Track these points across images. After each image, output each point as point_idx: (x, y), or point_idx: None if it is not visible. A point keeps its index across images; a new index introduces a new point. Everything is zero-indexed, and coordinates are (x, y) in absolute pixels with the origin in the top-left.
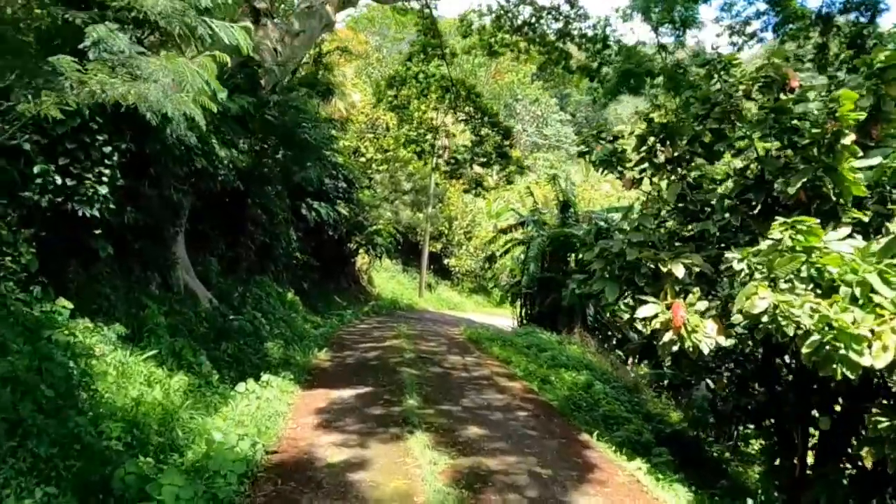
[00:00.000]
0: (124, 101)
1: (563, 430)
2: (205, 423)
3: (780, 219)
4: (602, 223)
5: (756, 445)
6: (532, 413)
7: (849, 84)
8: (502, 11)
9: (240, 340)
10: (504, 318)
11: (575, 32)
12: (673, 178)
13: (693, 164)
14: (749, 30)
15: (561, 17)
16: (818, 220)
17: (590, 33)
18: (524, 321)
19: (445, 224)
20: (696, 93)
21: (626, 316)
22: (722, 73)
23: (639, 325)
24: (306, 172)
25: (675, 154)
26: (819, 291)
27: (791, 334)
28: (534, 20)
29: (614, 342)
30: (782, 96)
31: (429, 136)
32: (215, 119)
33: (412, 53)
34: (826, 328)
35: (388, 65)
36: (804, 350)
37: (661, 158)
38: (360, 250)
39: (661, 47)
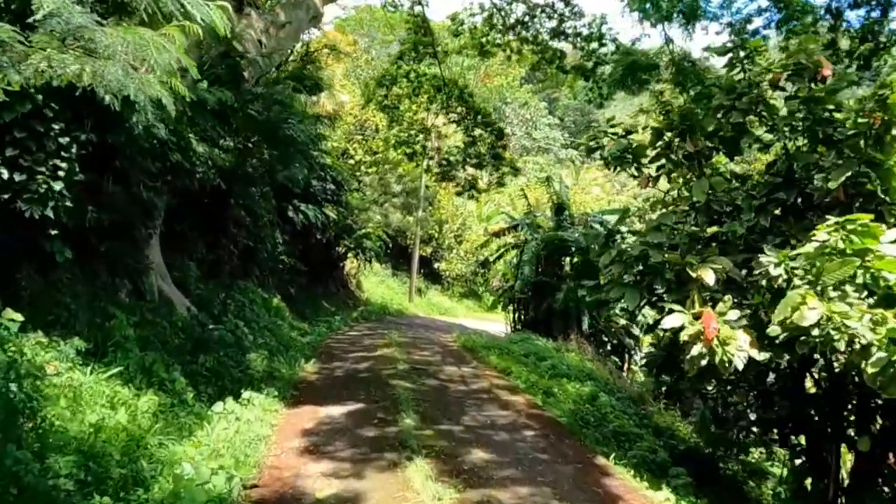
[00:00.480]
0: (78, 80)
1: (577, 452)
2: (175, 452)
3: (832, 218)
4: (598, 226)
5: (756, 454)
6: (540, 432)
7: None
8: (495, 9)
9: (220, 352)
10: (496, 324)
11: (570, 31)
12: (691, 175)
13: (713, 160)
14: (750, 27)
15: (555, 15)
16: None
17: (585, 31)
18: (518, 327)
19: (436, 227)
20: (720, 82)
21: (622, 322)
22: (746, 61)
23: (636, 331)
24: (291, 171)
25: (696, 149)
26: (872, 301)
27: (842, 349)
28: (527, 19)
29: (609, 348)
30: (813, 86)
31: (420, 138)
32: (190, 108)
33: (403, 52)
34: (892, 345)
35: (377, 67)
36: (869, 369)
37: (680, 154)
38: (349, 254)
39: (668, 40)
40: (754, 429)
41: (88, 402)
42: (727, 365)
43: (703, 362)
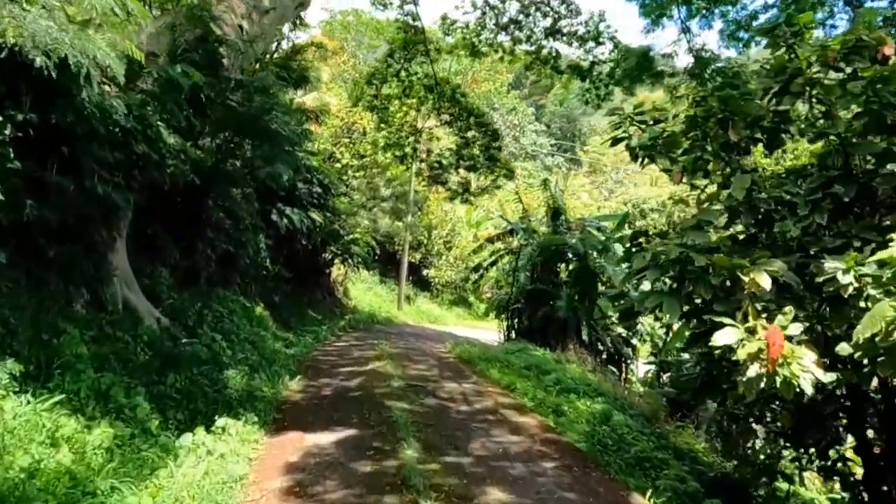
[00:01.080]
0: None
1: (607, 488)
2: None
3: None
4: (595, 231)
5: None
6: (560, 462)
7: None
8: (487, 7)
9: (193, 370)
10: (488, 332)
11: (565, 29)
12: (728, 168)
13: (752, 152)
14: (757, 23)
15: (550, 13)
16: None
17: (581, 30)
18: (512, 336)
19: (425, 233)
20: (770, 63)
21: (620, 330)
22: (794, 39)
23: (635, 340)
24: (275, 169)
25: (738, 138)
26: None
27: None
28: (521, 17)
29: (605, 357)
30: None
31: (411, 140)
32: (160, 91)
33: (393, 50)
34: None
35: (365, 70)
36: None
37: (716, 145)
38: (336, 260)
39: (686, 29)
40: (785, 452)
41: (22, 439)
42: (795, 388)
43: (762, 384)
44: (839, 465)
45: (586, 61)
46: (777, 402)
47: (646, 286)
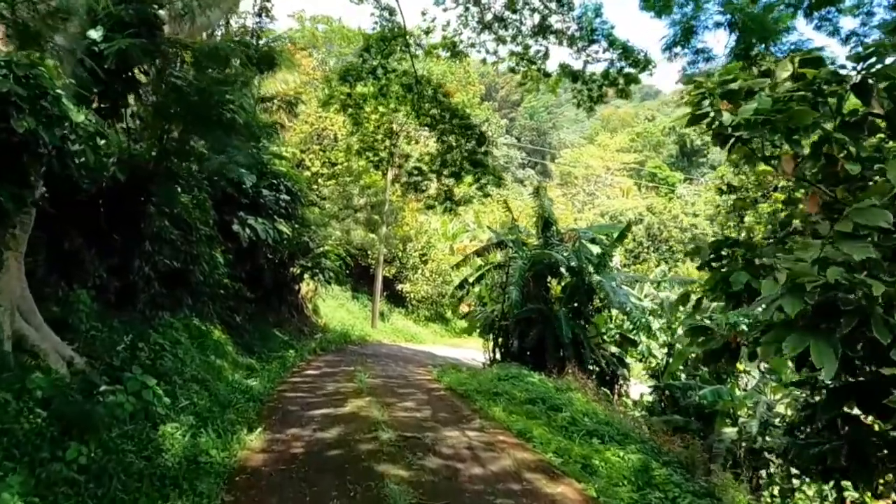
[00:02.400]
0: None
1: None
2: None
3: None
4: (589, 244)
5: None
6: None
7: None
8: (471, 3)
9: (111, 433)
10: (469, 351)
11: (556, 26)
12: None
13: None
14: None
15: (539, 8)
16: None
17: (573, 27)
18: (497, 357)
19: (400, 246)
20: None
21: (613, 349)
22: None
23: (629, 360)
24: (230, 160)
25: (885, 110)
26: None
27: None
28: (507, 14)
29: (594, 376)
30: None
31: (387, 143)
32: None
33: (370, 44)
34: None
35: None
36: None
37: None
38: (305, 275)
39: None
40: None
41: None
42: None
43: None
44: None
45: (579, 60)
46: None
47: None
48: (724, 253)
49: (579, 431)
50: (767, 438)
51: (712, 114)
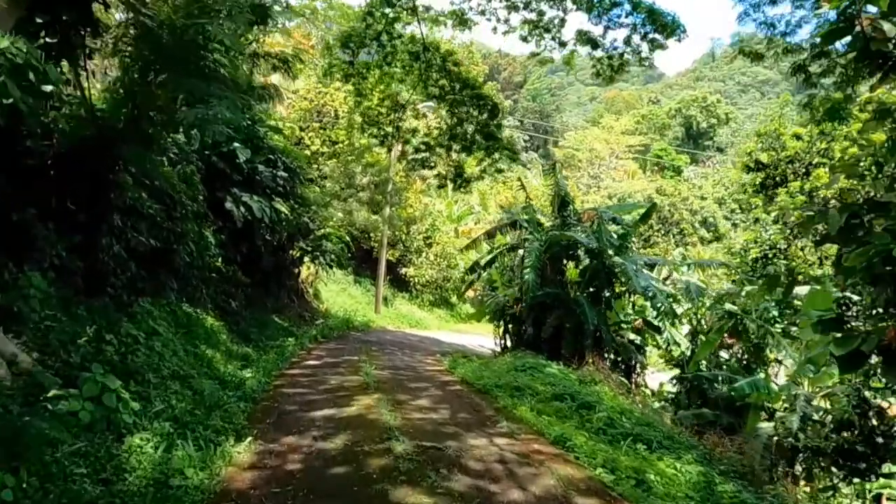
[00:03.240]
0: None
1: None
2: None
3: None
4: (611, 224)
5: None
6: None
7: None
8: None
9: (56, 451)
10: (476, 336)
11: None
12: None
13: None
14: None
15: None
16: None
17: None
18: (508, 344)
19: (403, 228)
20: None
21: (631, 336)
22: None
23: (649, 348)
24: (207, 109)
25: None
26: None
27: None
28: None
29: (608, 363)
30: None
31: (393, 117)
32: None
33: (373, 6)
34: None
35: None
36: None
37: None
38: (306, 258)
39: None
40: None
41: None
42: None
43: None
44: None
45: (599, 26)
46: None
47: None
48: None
49: (621, 436)
50: (809, 433)
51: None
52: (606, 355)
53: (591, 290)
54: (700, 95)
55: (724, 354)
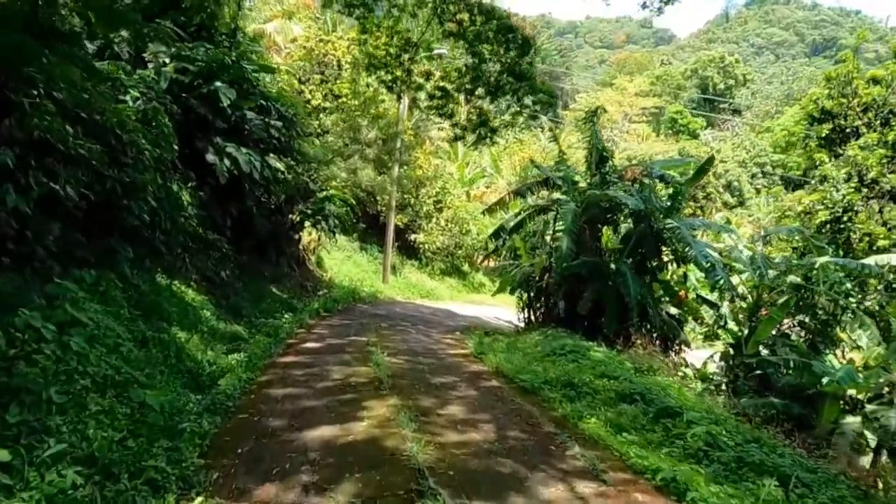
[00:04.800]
0: None
1: None
2: None
3: None
4: (658, 181)
5: None
6: None
7: None
8: None
9: None
10: (492, 308)
11: None
12: None
13: None
14: None
15: None
16: None
17: None
18: (541, 320)
19: (412, 191)
20: None
21: (672, 310)
22: None
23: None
24: None
25: None
26: None
27: None
28: None
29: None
30: None
31: (404, 57)
32: None
33: None
34: None
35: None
36: None
37: None
38: (307, 223)
39: None
40: None
41: None
42: None
43: None
44: None
45: None
46: None
47: None
48: None
49: (735, 463)
50: None
51: None
52: (653, 334)
53: (636, 258)
54: (717, 55)
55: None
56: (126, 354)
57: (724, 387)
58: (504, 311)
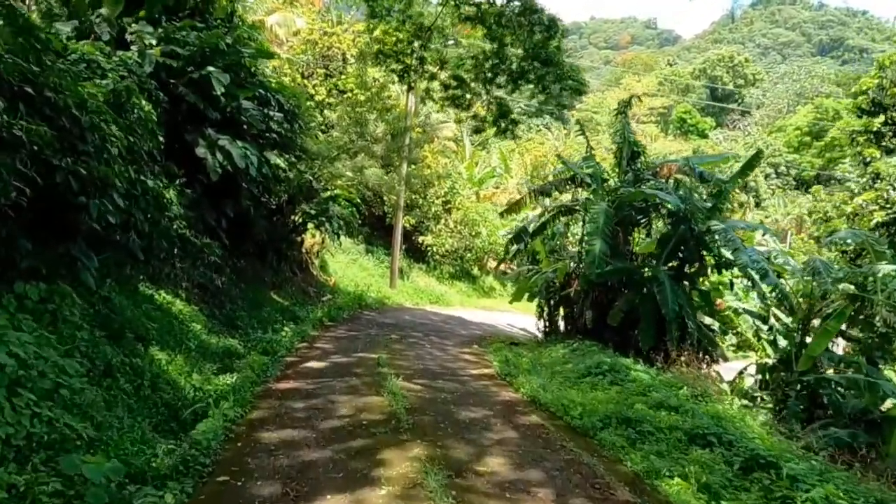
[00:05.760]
0: None
1: None
2: None
3: None
4: (699, 179)
5: None
6: None
7: None
8: None
9: None
10: (504, 314)
11: None
12: None
13: None
14: None
15: None
16: None
17: None
18: (565, 331)
19: (420, 191)
20: None
21: (707, 320)
22: None
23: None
24: None
25: None
26: None
27: None
28: None
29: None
30: None
31: (416, 45)
32: None
33: None
34: None
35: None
36: None
37: None
38: (310, 225)
39: None
40: None
41: None
42: None
43: None
44: None
45: None
46: None
47: None
48: None
49: None
50: None
51: None
52: (691, 349)
53: (674, 264)
54: (727, 54)
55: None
56: (69, 399)
57: (765, 403)
58: (518, 317)
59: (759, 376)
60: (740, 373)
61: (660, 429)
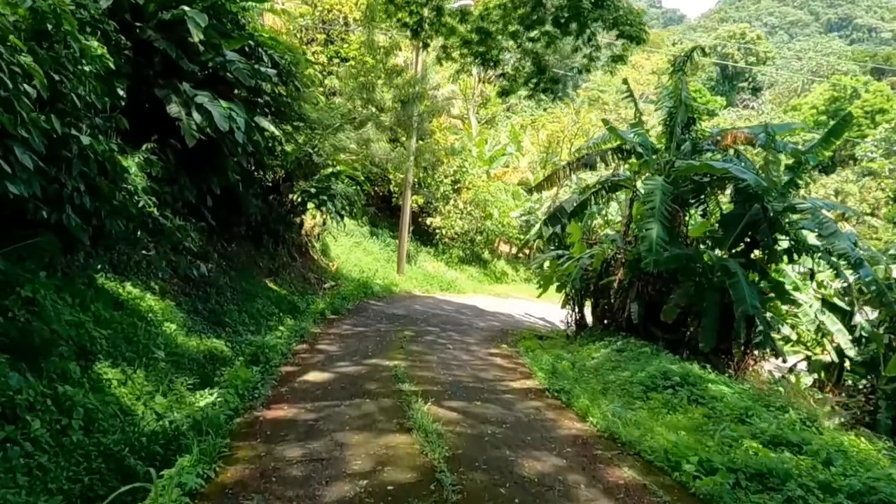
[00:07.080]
0: None
1: None
2: None
3: None
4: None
5: None
6: None
7: None
8: None
9: None
10: (518, 301)
11: None
12: None
13: None
14: None
15: None
16: None
17: None
18: (603, 326)
19: (428, 169)
20: None
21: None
22: None
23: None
24: None
25: None
26: None
27: None
28: None
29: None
30: None
31: None
32: None
33: None
34: None
35: None
36: None
37: None
38: (310, 204)
39: None
40: None
41: None
42: None
43: None
44: None
45: None
46: None
47: None
48: None
49: None
50: None
51: None
52: (764, 349)
53: (742, 250)
54: (738, 31)
55: None
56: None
57: (850, 411)
58: (534, 305)
59: (815, 375)
60: (791, 369)
61: (810, 490)
